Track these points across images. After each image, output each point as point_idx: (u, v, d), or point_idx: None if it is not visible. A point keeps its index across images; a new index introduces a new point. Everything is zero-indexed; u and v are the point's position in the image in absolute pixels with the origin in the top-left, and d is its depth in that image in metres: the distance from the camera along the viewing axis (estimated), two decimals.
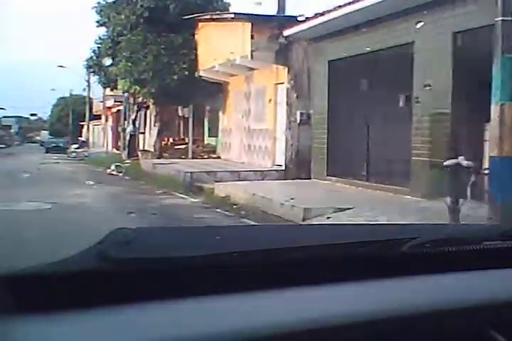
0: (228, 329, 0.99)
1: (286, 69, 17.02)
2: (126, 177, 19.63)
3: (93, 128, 56.51)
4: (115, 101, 39.47)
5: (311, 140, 16.14)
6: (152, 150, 23.56)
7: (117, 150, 39.20)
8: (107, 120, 46.07)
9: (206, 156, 22.88)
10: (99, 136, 54.62)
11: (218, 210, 11.32)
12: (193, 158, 22.57)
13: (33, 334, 0.92)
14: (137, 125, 28.73)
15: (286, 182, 14.97)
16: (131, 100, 28.03)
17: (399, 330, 1.12)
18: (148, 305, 0.99)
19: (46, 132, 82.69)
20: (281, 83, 17.63)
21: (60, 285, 0.98)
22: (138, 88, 21.81)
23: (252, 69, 19.20)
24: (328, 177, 14.43)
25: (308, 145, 16.69)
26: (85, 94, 56.21)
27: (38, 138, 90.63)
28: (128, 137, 27.96)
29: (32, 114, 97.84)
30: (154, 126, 23.52)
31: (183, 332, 0.96)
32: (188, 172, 16.21)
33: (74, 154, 40.80)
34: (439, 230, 1.60)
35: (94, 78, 56.07)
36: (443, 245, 1.28)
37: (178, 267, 1.08)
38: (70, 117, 65.15)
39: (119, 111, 40.82)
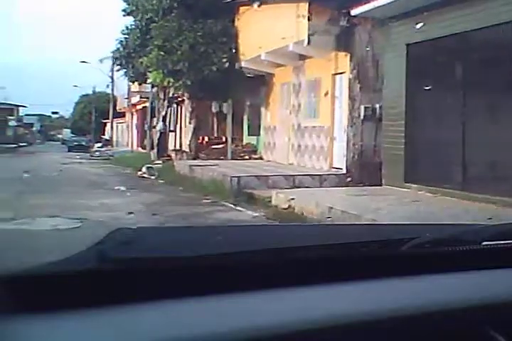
0: (228, 329, 0.98)
1: (349, 56, 14.59)
2: (161, 181, 17.28)
3: (116, 126, 54.65)
4: (141, 98, 37.41)
5: (379, 139, 13.80)
6: (186, 149, 21.17)
7: (143, 149, 37.10)
8: (131, 117, 43.94)
9: (247, 157, 20.54)
10: (122, 134, 52.83)
11: None
12: (232, 158, 20.23)
13: (33, 334, 0.91)
14: (167, 122, 26.43)
15: (356, 190, 12.51)
16: (162, 95, 25.71)
17: (399, 330, 1.11)
18: (149, 305, 0.98)
19: (68, 130, 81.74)
20: (341, 73, 15.21)
21: (60, 285, 0.97)
22: (172, 80, 19.44)
23: (303, 57, 16.80)
24: (406, 184, 11.98)
25: (372, 144, 14.32)
26: (108, 91, 54.41)
27: (59, 136, 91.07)
28: (158, 135, 25.64)
29: (54, 112, 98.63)
30: (189, 123, 21.13)
31: (183, 332, 0.96)
32: (235, 176, 13.86)
33: (97, 153, 38.82)
34: (439, 230, 1.54)
35: (117, 74, 54.21)
36: (443, 245, 1.28)
37: (178, 267, 1.06)
38: (93, 115, 63.33)
39: (144, 108, 38.69)
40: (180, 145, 27.06)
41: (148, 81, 26.49)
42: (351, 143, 14.57)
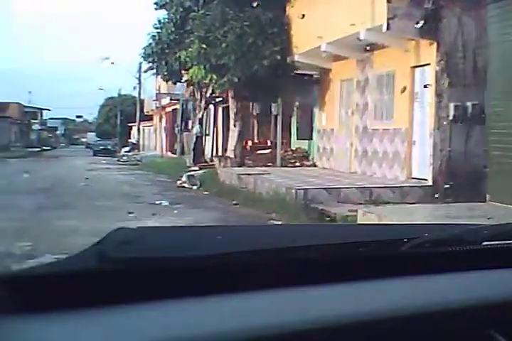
0: (228, 329, 0.98)
1: (435, 45, 12.11)
2: (205, 193, 14.88)
3: (143, 129, 52.58)
4: (171, 100, 35.21)
5: (472, 143, 11.37)
6: (229, 155, 18.71)
7: (173, 153, 34.89)
8: (160, 120, 41.79)
9: (298, 164, 18.13)
10: (149, 137, 50.63)
11: None
12: (281, 165, 17.83)
13: (32, 334, 0.91)
14: (203, 125, 24.12)
15: (458, 209, 9.94)
16: (198, 95, 23.39)
17: (399, 330, 1.11)
18: (149, 305, 0.98)
19: (93, 134, 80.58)
20: (423, 65, 12.73)
21: (60, 286, 0.96)
22: (215, 77, 17.06)
23: (372, 48, 14.37)
24: None
25: (462, 151, 11.81)
26: (134, 93, 52.30)
27: (83, 139, 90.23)
28: (194, 140, 23.31)
29: (78, 116, 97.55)
30: (234, 126, 18.64)
31: (183, 332, 0.96)
32: (300, 188, 11.45)
33: (125, 158, 36.78)
34: (439, 230, 1.53)
35: (144, 76, 52.11)
36: (443, 245, 1.28)
37: (178, 267, 1.06)
38: (118, 118, 61.34)
39: (174, 110, 36.48)
40: (217, 150, 24.70)
41: (184, 79, 24.26)
42: (438, 149, 12.08)
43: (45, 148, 60.73)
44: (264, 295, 1.06)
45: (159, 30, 23.93)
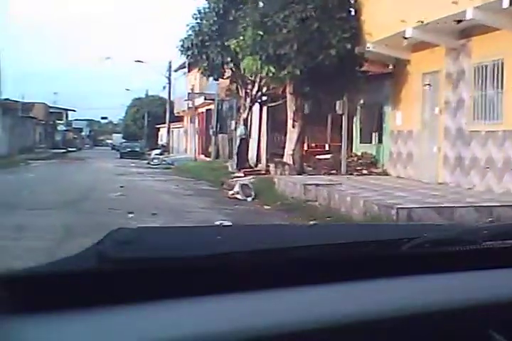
0: (228, 329, 0.98)
1: None
2: (267, 207, 12.23)
3: (172, 131, 50.18)
4: (206, 99, 32.84)
5: None
6: (287, 161, 16.08)
7: (206, 156, 32.52)
8: (191, 121, 39.39)
9: (365, 171, 15.57)
10: (179, 139, 48.32)
11: None
12: (347, 173, 15.26)
13: (32, 334, 0.91)
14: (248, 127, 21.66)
15: None
16: (242, 93, 20.91)
17: (399, 330, 1.10)
18: (148, 305, 0.98)
19: (119, 135, 79.24)
20: None
21: (59, 285, 0.96)
22: (272, 69, 14.50)
23: (469, 33, 11.79)
24: None
25: None
26: (163, 94, 49.88)
27: (108, 141, 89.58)
28: (238, 142, 20.82)
29: (103, 117, 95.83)
30: (293, 127, 15.96)
31: (183, 332, 0.95)
32: (402, 207, 8.88)
33: (156, 161, 34.43)
34: (439, 230, 1.57)
35: (174, 75, 49.85)
36: (443, 245, 1.28)
37: (178, 267, 1.06)
38: (145, 119, 59.14)
39: (208, 110, 34.10)
40: (258, 155, 22.17)
41: (226, 75, 21.83)
42: None
43: (70, 149, 58.81)
44: (264, 295, 1.05)
45: (199, 21, 21.60)
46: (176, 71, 49.41)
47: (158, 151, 40.57)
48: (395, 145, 15.16)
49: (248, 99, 20.54)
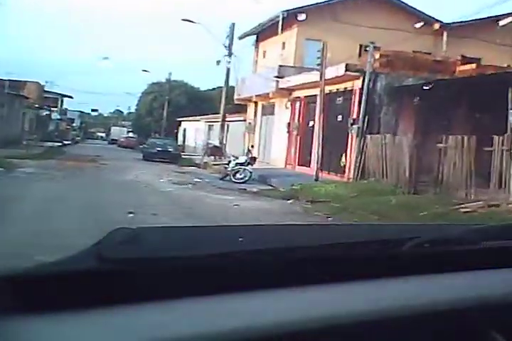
0: (228, 329, 0.97)
1: None
2: None
3: (227, 125, 34.38)
4: (348, 70, 19.69)
5: None
6: None
7: (303, 166, 23.13)
8: (272, 113, 28.29)
9: None
10: (234, 138, 34.39)
11: None
12: None
13: (33, 334, 0.90)
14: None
15: None
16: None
17: (399, 330, 1.09)
18: (148, 305, 0.97)
19: (119, 128, 69.52)
20: None
21: (60, 285, 0.96)
22: None
23: None
24: None
25: None
26: (217, 69, 34.74)
27: (99, 134, 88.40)
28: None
29: (93, 110, 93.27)
30: None
31: (183, 332, 0.94)
32: None
33: (239, 176, 21.08)
34: (439, 230, 1.55)
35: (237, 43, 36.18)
36: (443, 245, 1.27)
37: (177, 267, 1.05)
38: (165, 109, 47.80)
39: (313, 97, 22.28)
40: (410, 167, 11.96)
41: None
42: None
43: (65, 142, 48.08)
44: (265, 295, 1.04)
45: None
46: (241, 39, 34.37)
47: (243, 159, 22.17)
48: None
49: None
